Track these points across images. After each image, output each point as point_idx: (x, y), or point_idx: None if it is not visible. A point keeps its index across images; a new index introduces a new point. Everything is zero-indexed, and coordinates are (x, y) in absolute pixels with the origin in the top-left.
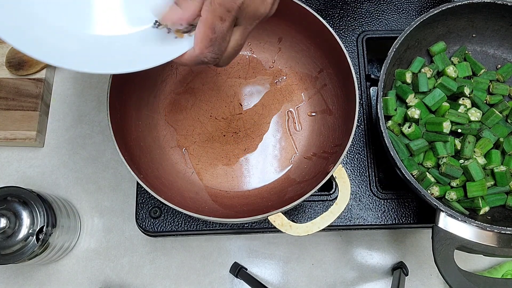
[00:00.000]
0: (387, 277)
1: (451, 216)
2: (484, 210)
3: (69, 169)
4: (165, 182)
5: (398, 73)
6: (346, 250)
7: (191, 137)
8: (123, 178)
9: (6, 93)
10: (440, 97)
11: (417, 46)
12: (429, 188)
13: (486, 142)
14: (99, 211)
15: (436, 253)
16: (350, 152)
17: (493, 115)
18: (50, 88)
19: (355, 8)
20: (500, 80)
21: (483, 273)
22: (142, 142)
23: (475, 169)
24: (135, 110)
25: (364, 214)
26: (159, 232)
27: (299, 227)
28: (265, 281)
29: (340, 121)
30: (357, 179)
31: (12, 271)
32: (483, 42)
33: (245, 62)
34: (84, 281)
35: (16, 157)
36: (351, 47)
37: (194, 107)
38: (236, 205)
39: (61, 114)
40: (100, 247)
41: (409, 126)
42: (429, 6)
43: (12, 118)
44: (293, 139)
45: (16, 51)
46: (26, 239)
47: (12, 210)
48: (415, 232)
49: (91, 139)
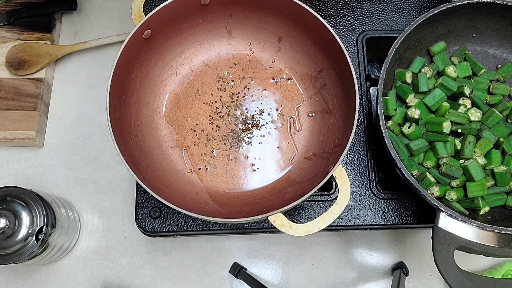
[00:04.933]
0: (387, 277)
1: (451, 216)
2: (484, 210)
3: (69, 169)
4: (165, 182)
5: (398, 73)
6: (346, 250)
7: (191, 137)
8: (123, 178)
9: (6, 93)
10: (440, 97)
11: (417, 46)
12: (429, 188)
13: (486, 142)
14: (98, 211)
15: (436, 253)
16: (350, 152)
17: (493, 115)
18: (49, 88)
19: (355, 8)
20: (500, 80)
21: (483, 273)
22: (142, 142)
23: (475, 169)
24: (135, 110)
25: (364, 214)
26: (159, 232)
27: (299, 227)
28: (265, 281)
29: (340, 121)
30: (357, 179)
31: (11, 271)
32: (483, 42)
33: (245, 62)
34: (84, 281)
35: (16, 157)
36: (351, 47)
37: (194, 107)
38: (236, 205)
39: (60, 114)
40: (100, 247)
41: (409, 126)
42: (429, 6)
43: (12, 118)
44: (293, 139)
45: (15, 51)
46: (26, 239)
47: (12, 210)
48: (415, 232)
49: (91, 139)
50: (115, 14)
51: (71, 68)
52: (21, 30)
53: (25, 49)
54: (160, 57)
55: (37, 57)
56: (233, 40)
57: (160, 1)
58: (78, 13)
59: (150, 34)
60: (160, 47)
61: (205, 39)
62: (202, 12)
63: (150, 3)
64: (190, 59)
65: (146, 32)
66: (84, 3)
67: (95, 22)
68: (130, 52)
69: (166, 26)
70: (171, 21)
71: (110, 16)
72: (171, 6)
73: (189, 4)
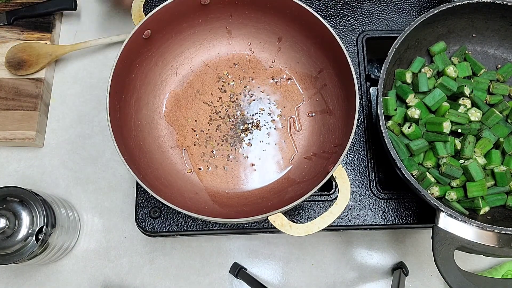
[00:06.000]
0: (387, 277)
1: (451, 216)
2: (484, 210)
3: (69, 169)
4: (165, 182)
5: (398, 73)
6: (346, 250)
7: (191, 137)
8: (123, 178)
9: (6, 93)
10: (440, 97)
11: (417, 46)
12: (429, 188)
13: (486, 142)
14: (98, 211)
15: (436, 253)
16: (350, 152)
17: (493, 115)
18: (49, 88)
19: (355, 8)
20: (500, 80)
21: (483, 273)
22: (142, 142)
23: (475, 169)
24: (135, 110)
25: (364, 214)
26: (159, 232)
27: (299, 227)
28: (265, 281)
29: (340, 121)
30: (357, 179)
31: (11, 271)
32: (483, 42)
33: (245, 62)
34: (84, 281)
35: (16, 157)
36: (351, 47)
37: (194, 107)
38: (236, 205)
39: (60, 114)
40: (100, 247)
41: (409, 126)
42: (429, 6)
43: (12, 118)
44: (293, 139)
45: (15, 51)
46: (26, 239)
47: (12, 210)
48: (415, 232)
49: (91, 139)
50: (115, 14)
51: (71, 68)
52: (21, 30)
53: (25, 49)
54: (160, 57)
55: (37, 57)
56: (233, 40)
57: (160, 1)
58: (78, 13)
59: (150, 34)
60: (160, 47)
61: (205, 39)
62: (202, 12)
63: (150, 3)
64: (190, 59)
65: (146, 32)
66: (84, 3)
67: (95, 22)
68: (130, 52)
69: (166, 26)
70: (171, 21)
71: (110, 16)
72: (171, 6)
73: (189, 4)
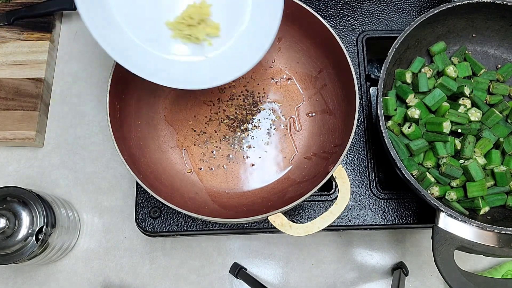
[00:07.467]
0: (387, 277)
1: (451, 216)
2: (484, 210)
3: (69, 169)
4: (165, 182)
5: (398, 73)
6: (346, 250)
7: (191, 137)
8: (123, 178)
9: (6, 93)
10: (440, 97)
11: (417, 46)
12: (429, 188)
13: (486, 142)
14: (98, 211)
15: (436, 253)
16: (350, 152)
17: (493, 115)
18: (49, 88)
19: (355, 8)
20: (500, 80)
21: (483, 273)
22: (142, 142)
23: (475, 169)
24: (135, 110)
25: (364, 214)
26: (159, 232)
27: (299, 227)
28: (265, 281)
29: (340, 121)
30: (357, 179)
31: (11, 271)
32: (483, 42)
33: None
34: (84, 281)
35: (16, 157)
36: (351, 47)
37: (194, 107)
38: (236, 205)
39: (60, 114)
40: (100, 247)
41: (409, 126)
42: (429, 6)
43: (12, 118)
44: (293, 139)
45: None
46: (26, 239)
47: (12, 210)
48: (415, 232)
49: (91, 139)
50: None
51: (71, 68)
52: (21, 30)
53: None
54: None
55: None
56: None
57: None
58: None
59: None
60: None
61: None
62: None
63: None
64: None
65: None
66: None
67: None
68: None
69: None
70: None
71: None
72: None
73: None
